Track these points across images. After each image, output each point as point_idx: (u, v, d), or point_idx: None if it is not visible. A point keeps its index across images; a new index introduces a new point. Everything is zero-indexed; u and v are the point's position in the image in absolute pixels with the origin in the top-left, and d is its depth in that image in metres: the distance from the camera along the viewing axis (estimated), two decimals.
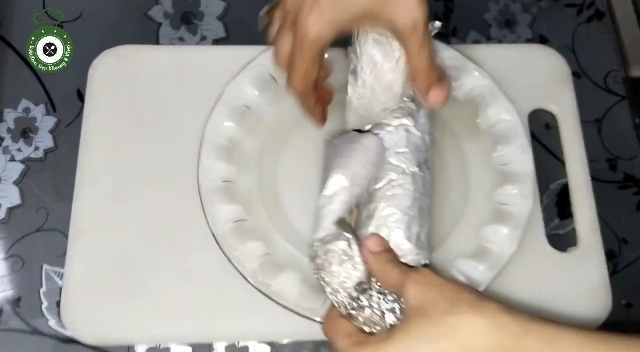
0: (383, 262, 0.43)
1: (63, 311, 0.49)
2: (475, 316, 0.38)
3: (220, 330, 0.49)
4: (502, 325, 0.37)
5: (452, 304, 0.39)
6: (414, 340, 0.38)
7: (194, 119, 0.54)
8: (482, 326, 0.37)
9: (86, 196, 0.53)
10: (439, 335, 0.37)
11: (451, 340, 0.37)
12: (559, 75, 0.59)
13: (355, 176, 0.46)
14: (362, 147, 0.47)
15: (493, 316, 0.38)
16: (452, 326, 0.37)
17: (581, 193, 0.55)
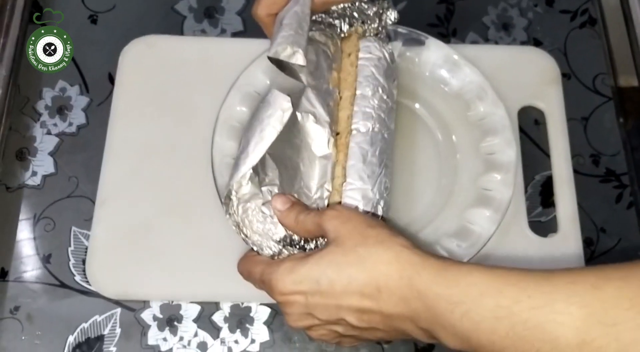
0: (295, 216, 0.46)
1: (88, 268, 0.55)
2: (382, 248, 0.41)
3: (226, 291, 0.55)
4: (405, 257, 0.40)
5: (364, 237, 0.42)
6: (325, 265, 0.41)
7: (210, 102, 0.59)
8: (387, 257, 0.40)
9: (112, 167, 0.58)
10: (348, 263, 0.41)
11: (358, 267, 0.40)
12: (549, 75, 0.63)
13: (259, 131, 0.47)
14: (264, 104, 0.49)
15: (398, 250, 0.40)
16: (361, 256, 0.41)
17: (564, 184, 0.59)
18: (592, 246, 0.59)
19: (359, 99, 0.53)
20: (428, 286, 0.39)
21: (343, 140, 0.51)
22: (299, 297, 0.42)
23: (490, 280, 0.37)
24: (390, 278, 0.40)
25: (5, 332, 0.53)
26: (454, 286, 0.38)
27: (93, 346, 0.53)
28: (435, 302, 0.38)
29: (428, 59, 0.60)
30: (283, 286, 0.42)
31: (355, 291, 0.40)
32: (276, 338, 0.54)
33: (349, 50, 0.55)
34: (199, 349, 0.53)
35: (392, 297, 0.40)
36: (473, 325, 0.37)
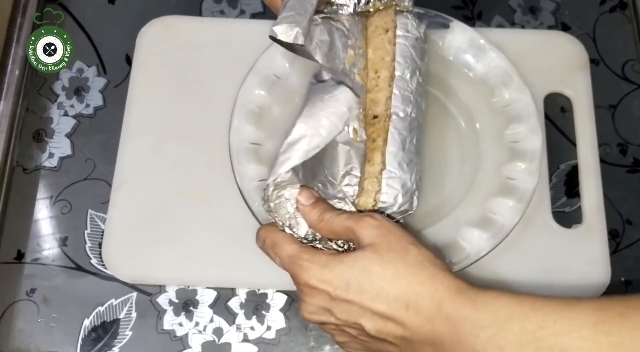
0: (319, 213, 0.45)
1: (104, 251, 0.55)
2: (420, 268, 0.40)
3: (242, 277, 0.54)
4: (440, 280, 0.40)
5: (404, 253, 0.41)
6: (359, 270, 0.41)
7: (228, 85, 0.58)
8: (422, 278, 0.40)
9: (129, 150, 0.58)
10: (383, 276, 0.40)
11: (392, 282, 0.40)
12: (577, 61, 0.61)
13: (318, 126, 0.46)
14: (330, 98, 0.47)
15: (435, 272, 0.40)
16: (398, 272, 0.40)
17: (589, 174, 0.58)
18: (618, 238, 0.57)
19: (398, 81, 0.50)
20: (457, 309, 0.38)
21: (382, 124, 0.49)
22: (327, 287, 0.41)
23: (517, 305, 0.37)
24: (422, 298, 0.39)
25: (22, 314, 0.53)
26: (482, 310, 0.38)
27: (109, 330, 0.53)
28: (462, 326, 0.38)
29: (452, 42, 0.59)
30: (310, 277, 0.42)
31: (384, 302, 0.40)
32: (292, 325, 0.53)
33: (386, 26, 0.52)
34: (214, 334, 0.53)
35: (418, 317, 0.39)
36: (497, 349, 0.36)
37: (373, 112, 0.50)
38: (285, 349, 0.53)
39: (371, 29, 0.53)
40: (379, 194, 0.47)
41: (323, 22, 0.49)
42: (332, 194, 0.48)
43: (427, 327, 0.39)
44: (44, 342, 0.53)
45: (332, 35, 0.49)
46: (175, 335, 0.53)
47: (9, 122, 0.58)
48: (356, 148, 0.48)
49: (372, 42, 0.52)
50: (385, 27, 0.52)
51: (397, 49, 0.51)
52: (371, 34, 0.53)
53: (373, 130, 0.49)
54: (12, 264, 0.55)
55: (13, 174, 0.58)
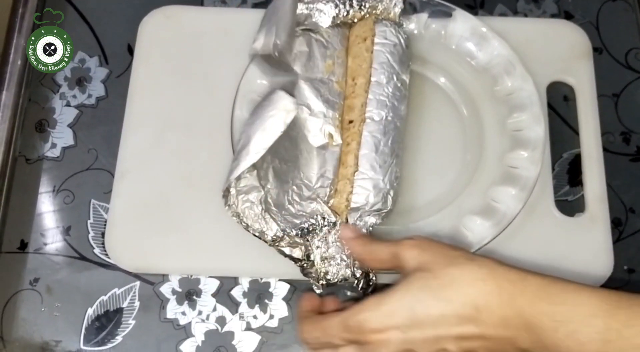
0: (365, 244, 0.45)
1: (107, 241, 0.55)
2: (475, 265, 0.39)
3: (245, 267, 0.54)
4: (501, 273, 0.39)
5: (451, 258, 0.40)
6: (417, 290, 0.39)
7: (230, 75, 0.58)
8: (481, 274, 0.38)
9: (131, 140, 0.58)
10: (441, 285, 0.39)
11: (453, 288, 0.38)
12: (580, 50, 0.61)
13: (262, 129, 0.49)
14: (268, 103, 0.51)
15: (491, 266, 0.39)
16: (454, 276, 0.39)
17: (592, 163, 0.58)
18: (621, 227, 0.57)
19: (373, 86, 0.52)
20: (531, 303, 0.37)
21: (356, 129, 0.51)
22: (395, 332, 0.39)
23: (601, 301, 0.36)
24: (490, 295, 0.38)
25: (25, 304, 0.54)
26: (559, 303, 0.37)
27: (112, 319, 0.53)
28: (538, 320, 0.36)
29: (454, 31, 0.59)
30: (375, 322, 0.39)
31: (453, 314, 0.38)
32: (295, 314, 0.53)
33: (364, 34, 0.54)
34: (217, 323, 0.53)
35: (492, 317, 0.38)
36: (578, 346, 0.35)
37: (349, 118, 0.52)
38: (288, 337, 0.53)
39: (352, 38, 0.55)
40: (351, 195, 0.50)
41: (303, 34, 0.54)
42: (307, 196, 0.50)
43: (503, 326, 0.37)
44: (47, 331, 0.53)
45: (310, 46, 0.53)
46: (178, 324, 0.53)
47: (11, 112, 0.58)
48: (331, 152, 0.51)
49: (352, 51, 0.54)
50: (364, 36, 0.54)
51: (374, 56, 0.53)
52: (351, 44, 0.55)
53: (348, 135, 0.51)
54: (15, 254, 0.55)
55: (16, 164, 0.58)
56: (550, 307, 0.37)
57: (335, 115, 0.51)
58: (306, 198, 0.50)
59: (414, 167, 0.56)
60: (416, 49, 0.59)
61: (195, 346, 0.52)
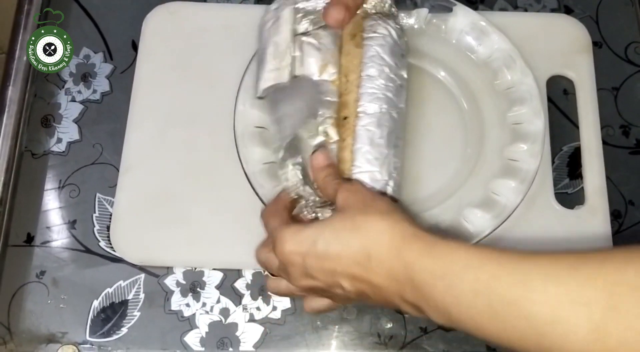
0: (325, 177, 0.48)
1: (112, 234, 0.56)
2: (379, 218, 0.41)
3: (248, 259, 0.54)
4: (399, 229, 0.40)
5: (365, 206, 0.43)
6: (324, 229, 0.42)
7: (233, 70, 0.58)
8: (381, 227, 0.40)
9: (136, 135, 0.58)
10: (344, 228, 0.41)
11: (353, 233, 0.41)
12: (580, 44, 0.62)
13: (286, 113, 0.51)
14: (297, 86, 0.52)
15: (393, 221, 0.41)
16: (357, 223, 0.41)
17: (592, 155, 0.58)
18: (620, 219, 0.58)
19: (364, 80, 0.52)
20: (415, 258, 0.39)
21: (351, 124, 0.51)
22: (297, 257, 0.42)
23: (474, 256, 0.37)
24: (381, 247, 0.40)
25: (32, 296, 0.54)
26: (438, 258, 0.38)
27: (117, 311, 0.54)
28: (420, 276, 0.38)
29: (455, 26, 0.59)
30: (284, 246, 0.43)
31: (349, 256, 0.41)
32: (297, 306, 0.54)
33: (353, 31, 0.54)
34: (221, 315, 0.54)
35: (380, 267, 0.40)
36: (453, 299, 0.37)
37: (343, 114, 0.52)
38: (291, 328, 0.54)
39: (344, 38, 0.55)
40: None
41: (295, 39, 0.54)
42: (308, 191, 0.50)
43: (390, 278, 0.39)
44: (53, 323, 0.54)
45: (302, 49, 0.53)
46: (182, 315, 0.54)
47: (17, 108, 0.58)
48: (329, 149, 0.51)
49: (344, 49, 0.54)
50: (353, 32, 0.54)
51: (364, 51, 0.53)
52: (343, 43, 0.55)
53: (343, 131, 0.51)
54: (22, 247, 0.56)
55: (22, 159, 0.59)
56: (431, 262, 0.38)
57: (331, 114, 0.52)
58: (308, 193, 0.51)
59: (415, 160, 0.56)
60: (417, 43, 0.59)
61: (199, 337, 0.53)
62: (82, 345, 0.53)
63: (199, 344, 0.53)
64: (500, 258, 0.37)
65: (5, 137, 0.57)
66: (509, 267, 0.36)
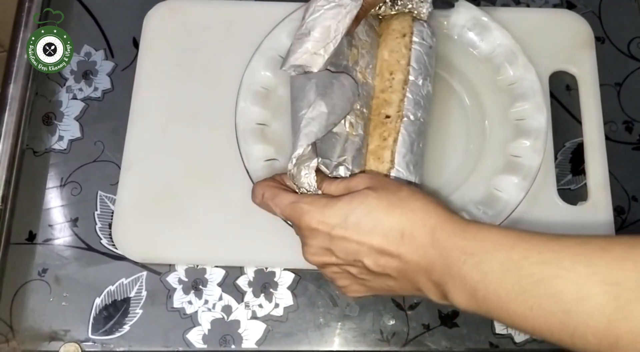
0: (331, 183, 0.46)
1: (114, 231, 0.56)
2: (413, 199, 0.42)
3: (250, 256, 0.55)
4: (433, 209, 0.41)
5: (397, 189, 0.43)
6: (356, 204, 0.42)
7: (234, 67, 0.58)
8: (416, 206, 0.41)
9: (137, 132, 0.58)
10: (378, 207, 0.41)
11: (388, 212, 0.41)
12: (582, 39, 0.61)
13: (334, 105, 0.48)
14: (338, 83, 0.49)
15: (428, 202, 0.42)
16: (392, 203, 0.41)
17: (595, 151, 0.58)
18: (623, 215, 0.58)
19: (411, 85, 0.52)
20: (448, 236, 0.40)
21: (394, 125, 0.51)
22: (324, 226, 0.42)
23: (505, 236, 0.38)
24: (415, 225, 0.41)
25: (34, 294, 0.54)
26: (470, 238, 0.39)
27: (119, 308, 0.54)
28: (451, 252, 0.39)
29: (457, 21, 0.59)
30: (310, 219, 0.43)
31: (381, 232, 0.41)
32: (300, 303, 0.54)
33: (404, 30, 0.54)
34: (223, 312, 0.54)
35: (412, 244, 0.40)
36: (481, 276, 0.38)
37: (385, 112, 0.51)
38: (293, 326, 0.54)
39: (388, 31, 0.55)
40: None
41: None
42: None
43: (420, 253, 0.40)
44: (56, 321, 0.54)
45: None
46: (185, 313, 0.54)
47: (18, 105, 0.58)
48: (351, 141, 0.50)
49: (388, 44, 0.54)
50: (403, 31, 0.54)
51: (412, 55, 0.53)
52: (387, 37, 0.54)
53: (384, 130, 0.51)
54: (24, 245, 0.56)
55: (23, 157, 0.59)
56: (462, 242, 0.39)
57: (356, 105, 0.51)
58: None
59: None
60: None
61: (201, 334, 0.53)
62: (85, 343, 0.53)
63: (201, 342, 0.53)
64: (532, 239, 0.38)
65: (6, 135, 0.57)
66: (540, 247, 0.37)
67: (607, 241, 0.36)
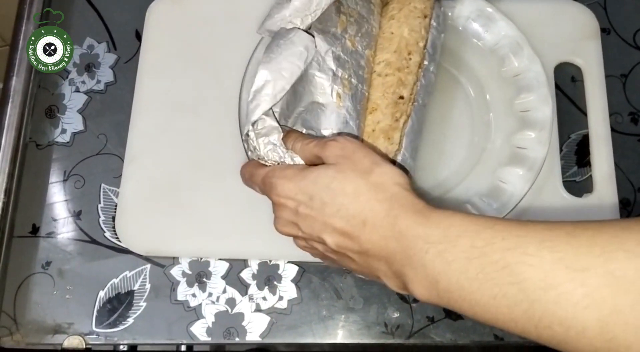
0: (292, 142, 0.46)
1: (118, 224, 0.55)
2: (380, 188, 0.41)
3: (254, 249, 0.55)
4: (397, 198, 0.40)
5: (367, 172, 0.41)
6: (322, 186, 0.41)
7: (238, 59, 0.58)
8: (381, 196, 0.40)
9: (140, 125, 0.58)
10: (344, 192, 0.41)
11: (352, 199, 0.40)
12: (588, 30, 0.61)
13: (280, 69, 0.46)
14: (285, 42, 0.48)
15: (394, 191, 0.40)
16: (358, 189, 0.41)
17: (600, 143, 0.57)
18: (629, 207, 0.57)
19: (425, 70, 0.52)
20: (410, 226, 0.38)
21: (406, 107, 0.50)
22: (292, 203, 0.43)
23: (469, 223, 0.37)
24: (378, 215, 0.40)
25: (37, 287, 0.54)
26: (434, 227, 0.38)
27: (123, 301, 0.54)
28: (412, 243, 0.38)
29: (461, 12, 0.58)
30: (281, 188, 0.43)
31: (343, 217, 0.41)
32: (304, 295, 0.54)
33: (426, 11, 0.53)
34: (227, 305, 0.54)
35: (373, 233, 0.40)
36: (444, 266, 0.36)
37: (400, 93, 0.51)
38: (297, 318, 0.53)
39: (409, 7, 0.53)
40: None
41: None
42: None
43: (381, 244, 0.39)
44: (60, 314, 0.54)
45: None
46: (188, 305, 0.54)
47: (21, 98, 0.58)
48: (337, 114, 0.48)
49: (409, 22, 0.53)
50: (425, 12, 0.54)
51: (429, 38, 0.53)
52: (409, 14, 0.53)
53: (397, 110, 0.50)
54: (27, 238, 0.56)
55: (26, 150, 0.59)
56: (425, 230, 0.38)
57: (344, 75, 0.49)
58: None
59: (421, 148, 0.56)
60: None
61: (205, 327, 0.53)
62: (89, 336, 0.53)
63: (205, 334, 0.53)
64: (497, 225, 0.36)
65: (9, 128, 0.57)
66: (505, 233, 0.36)
67: (574, 226, 0.35)
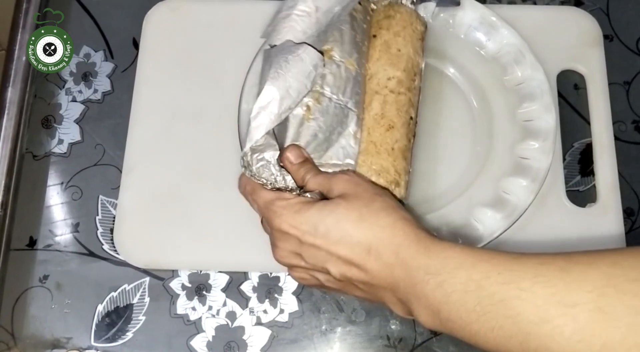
0: (303, 174, 0.46)
1: (116, 237, 0.55)
2: (384, 214, 0.42)
3: (255, 261, 0.54)
4: (401, 226, 0.41)
5: (370, 200, 0.43)
6: (326, 213, 0.42)
7: (236, 67, 0.57)
8: (385, 222, 0.41)
9: (138, 135, 0.57)
10: (348, 218, 0.42)
11: (356, 225, 0.41)
12: (590, 37, 0.60)
13: (289, 87, 0.45)
14: (294, 58, 0.46)
15: (397, 218, 0.42)
16: (362, 215, 0.42)
17: (604, 152, 0.57)
18: (633, 217, 0.57)
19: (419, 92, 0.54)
20: (412, 256, 0.40)
21: (412, 127, 0.52)
22: (295, 233, 0.43)
23: (467, 255, 0.38)
24: (382, 242, 0.41)
25: (35, 301, 0.54)
26: (434, 257, 0.39)
27: (122, 315, 0.53)
28: (415, 272, 0.39)
29: (463, 20, 0.58)
30: (282, 222, 0.44)
31: (348, 244, 0.41)
32: (305, 308, 0.53)
33: (422, 35, 0.55)
34: (227, 318, 0.53)
35: (378, 261, 0.41)
36: (444, 297, 0.38)
37: (410, 114, 0.52)
38: (298, 331, 0.53)
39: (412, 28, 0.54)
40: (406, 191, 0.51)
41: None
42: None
43: (386, 272, 0.40)
44: (58, 328, 0.53)
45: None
46: (188, 319, 0.53)
47: (17, 108, 0.57)
48: (307, 126, 0.47)
49: (413, 43, 0.53)
50: (423, 35, 0.55)
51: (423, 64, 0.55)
52: (412, 34, 0.54)
53: (409, 131, 0.51)
54: (24, 251, 0.55)
55: (23, 160, 0.58)
56: (426, 261, 0.39)
57: (316, 87, 0.48)
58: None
59: (424, 159, 0.55)
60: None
61: (205, 341, 0.52)
62: (87, 350, 0.52)
63: (205, 349, 0.52)
64: (493, 259, 0.38)
65: (5, 139, 0.56)
66: (500, 268, 0.37)
67: (566, 260, 0.36)
